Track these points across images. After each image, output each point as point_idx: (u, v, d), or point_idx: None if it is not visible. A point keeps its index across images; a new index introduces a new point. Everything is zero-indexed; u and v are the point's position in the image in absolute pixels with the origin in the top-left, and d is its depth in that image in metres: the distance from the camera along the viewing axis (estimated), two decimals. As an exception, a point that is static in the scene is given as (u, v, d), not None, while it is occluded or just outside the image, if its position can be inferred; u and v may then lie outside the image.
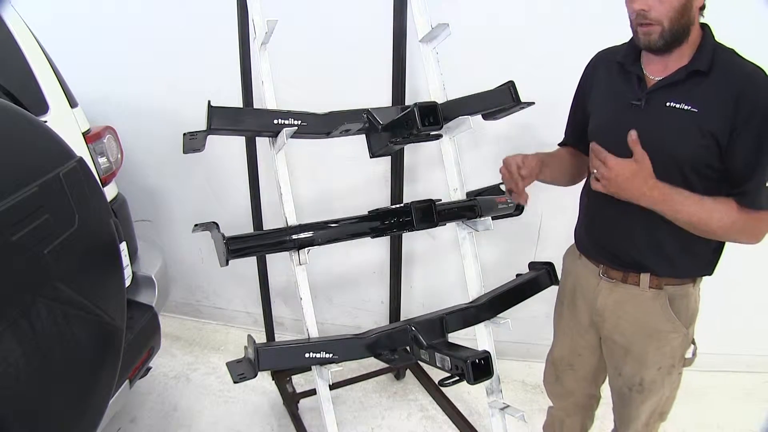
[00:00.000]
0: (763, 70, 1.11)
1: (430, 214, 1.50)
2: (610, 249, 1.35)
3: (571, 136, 1.50)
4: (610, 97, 1.30)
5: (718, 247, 1.29)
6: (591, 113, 1.36)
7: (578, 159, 1.49)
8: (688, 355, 1.35)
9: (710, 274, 1.31)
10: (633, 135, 1.13)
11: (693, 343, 1.35)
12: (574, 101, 1.47)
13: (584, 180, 1.45)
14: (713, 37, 1.18)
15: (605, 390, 1.56)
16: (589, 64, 1.41)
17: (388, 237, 2.36)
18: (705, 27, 1.19)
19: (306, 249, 1.42)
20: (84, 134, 1.68)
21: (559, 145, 1.54)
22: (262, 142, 2.00)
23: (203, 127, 1.33)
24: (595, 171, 1.19)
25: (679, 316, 1.29)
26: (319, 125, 1.48)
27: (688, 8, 1.10)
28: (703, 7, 1.15)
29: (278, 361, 1.42)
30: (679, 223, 1.18)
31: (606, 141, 1.24)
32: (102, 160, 1.75)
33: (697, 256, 1.27)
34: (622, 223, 1.28)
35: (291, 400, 2.21)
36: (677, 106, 1.16)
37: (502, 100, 1.58)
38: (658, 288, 1.29)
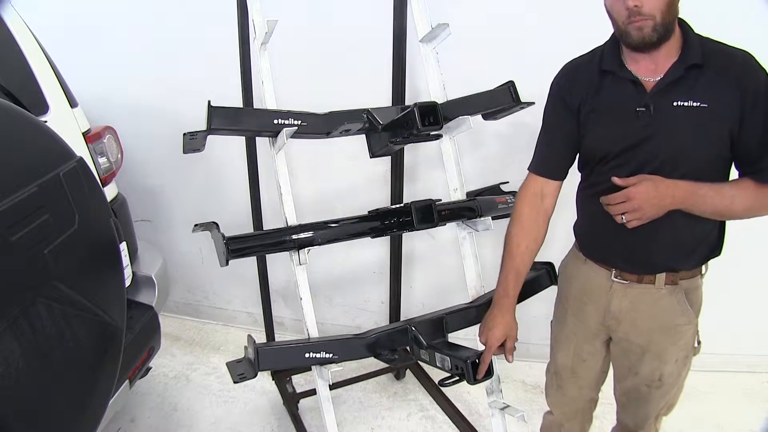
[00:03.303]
0: (750, 54, 1.15)
1: (430, 214, 1.50)
2: (624, 253, 1.31)
3: (554, 166, 1.39)
4: (608, 110, 1.25)
5: (722, 226, 1.30)
6: (585, 132, 1.30)
7: (545, 207, 1.41)
8: (696, 343, 1.36)
9: (719, 254, 1.32)
10: (619, 181, 1.17)
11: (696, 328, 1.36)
12: (547, 129, 1.38)
13: (578, 183, 1.41)
14: (692, 29, 1.19)
15: (604, 390, 1.56)
16: (555, 82, 1.35)
17: (388, 237, 2.36)
18: (682, 21, 1.19)
19: (306, 249, 1.42)
20: (84, 134, 1.68)
21: (531, 172, 1.41)
22: (262, 142, 2.00)
23: (203, 127, 1.33)
24: (623, 216, 1.17)
25: (693, 307, 1.31)
26: (319, 125, 1.48)
27: (676, 1, 1.12)
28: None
29: (278, 361, 1.43)
30: (705, 215, 1.20)
31: (621, 154, 1.23)
32: (102, 160, 1.75)
33: (711, 240, 1.29)
34: (643, 229, 1.20)
35: (291, 400, 2.21)
36: (685, 104, 1.16)
37: (502, 100, 1.58)
38: (673, 284, 1.29)
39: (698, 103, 1.15)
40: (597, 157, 1.29)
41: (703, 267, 1.32)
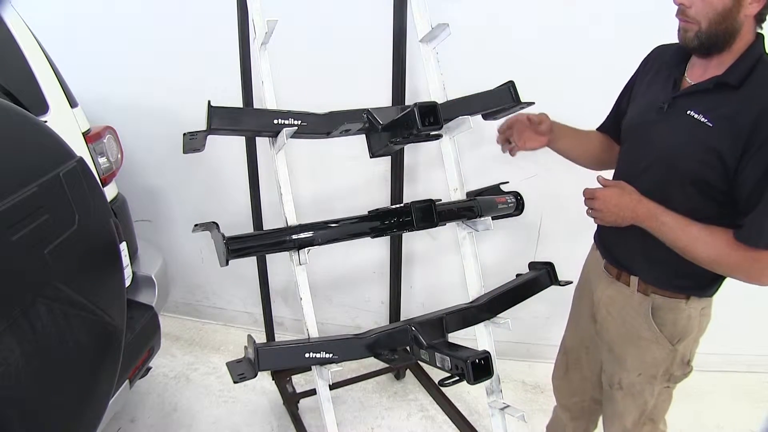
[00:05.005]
0: None
1: (430, 214, 1.50)
2: (609, 246, 1.38)
3: (609, 123, 1.49)
4: (646, 95, 1.28)
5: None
6: (629, 107, 1.35)
7: (609, 146, 1.49)
8: (678, 372, 1.33)
9: (708, 296, 1.27)
10: (601, 179, 1.21)
11: (689, 364, 1.33)
12: (622, 90, 1.44)
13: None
14: (763, 49, 1.10)
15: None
16: (646, 56, 1.36)
17: (388, 237, 2.36)
18: (758, 38, 1.11)
19: (306, 249, 1.42)
20: (84, 134, 1.68)
21: (597, 129, 1.53)
22: (262, 142, 2.00)
23: (203, 127, 1.33)
24: (590, 212, 1.22)
25: (662, 328, 1.27)
26: (319, 125, 1.48)
27: (733, 14, 1.04)
28: (762, 19, 1.08)
29: (278, 361, 1.42)
30: (668, 245, 1.16)
31: (632, 139, 1.27)
32: (102, 160, 1.75)
33: (690, 274, 1.21)
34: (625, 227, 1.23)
35: (291, 400, 2.21)
36: (695, 116, 1.12)
37: (502, 100, 1.58)
38: (644, 293, 1.29)
39: (705, 120, 1.10)
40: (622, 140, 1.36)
41: (692, 298, 1.25)
